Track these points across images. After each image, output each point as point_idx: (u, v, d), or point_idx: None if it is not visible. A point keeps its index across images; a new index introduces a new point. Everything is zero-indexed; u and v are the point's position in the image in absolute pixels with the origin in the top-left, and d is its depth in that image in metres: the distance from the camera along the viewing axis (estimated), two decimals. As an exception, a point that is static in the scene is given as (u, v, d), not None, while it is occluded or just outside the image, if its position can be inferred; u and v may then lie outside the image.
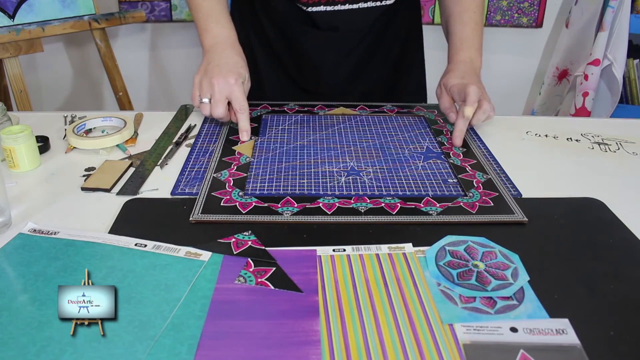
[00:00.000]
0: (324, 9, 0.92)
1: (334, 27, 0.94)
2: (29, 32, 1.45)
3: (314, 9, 0.91)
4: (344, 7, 0.92)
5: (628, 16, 1.69)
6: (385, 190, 0.67)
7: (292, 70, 1.01)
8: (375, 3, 0.93)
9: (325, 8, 0.91)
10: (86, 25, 1.56)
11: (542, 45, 1.96)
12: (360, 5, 0.92)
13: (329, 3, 0.91)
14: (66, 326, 0.45)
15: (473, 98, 0.80)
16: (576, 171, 0.74)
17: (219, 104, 0.80)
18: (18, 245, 0.55)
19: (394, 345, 0.43)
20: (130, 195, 0.66)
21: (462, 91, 0.82)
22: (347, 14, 0.93)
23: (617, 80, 1.73)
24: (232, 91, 0.80)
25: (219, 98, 0.80)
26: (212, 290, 0.49)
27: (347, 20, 0.93)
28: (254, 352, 0.43)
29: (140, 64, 2.00)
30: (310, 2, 0.91)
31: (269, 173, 0.71)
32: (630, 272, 0.53)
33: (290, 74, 1.02)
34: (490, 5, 1.87)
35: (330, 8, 0.92)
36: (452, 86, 0.85)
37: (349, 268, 0.52)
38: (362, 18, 0.94)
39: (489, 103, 0.82)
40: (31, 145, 0.72)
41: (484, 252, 0.55)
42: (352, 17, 0.93)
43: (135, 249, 0.55)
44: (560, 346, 0.44)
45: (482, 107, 0.80)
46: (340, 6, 0.92)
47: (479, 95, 0.80)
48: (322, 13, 0.92)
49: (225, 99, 0.80)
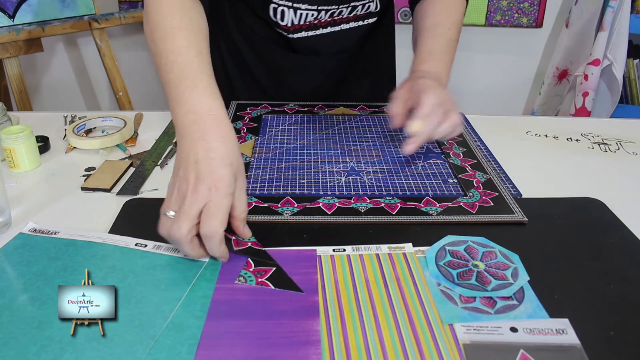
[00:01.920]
0: (306, 34, 0.87)
1: (315, 51, 0.90)
2: (29, 32, 1.45)
3: (296, 36, 0.87)
4: (325, 30, 0.88)
5: (628, 16, 1.69)
6: (385, 190, 0.67)
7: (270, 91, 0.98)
8: (357, 23, 0.89)
9: (307, 33, 0.87)
10: (86, 25, 1.56)
11: (542, 45, 1.96)
12: (343, 27, 0.89)
13: (310, 28, 0.86)
14: (66, 326, 0.45)
15: (426, 110, 0.65)
16: (576, 171, 0.74)
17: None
18: (18, 245, 0.55)
19: (394, 345, 0.43)
20: (130, 195, 0.66)
21: (418, 96, 0.67)
22: (329, 37, 0.89)
23: (617, 80, 1.73)
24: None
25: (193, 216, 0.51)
26: (212, 290, 0.49)
27: (329, 43, 0.90)
28: (254, 352, 0.43)
29: (140, 64, 2.00)
30: (291, 29, 0.86)
31: (269, 173, 0.71)
32: (630, 272, 0.53)
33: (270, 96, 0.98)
34: (490, 5, 1.87)
35: (312, 33, 0.87)
36: (411, 84, 0.71)
37: (349, 268, 0.53)
38: (344, 40, 0.91)
39: (457, 114, 0.67)
40: (31, 145, 0.72)
41: (484, 252, 0.55)
42: (334, 39, 0.90)
43: (136, 249, 0.55)
44: (560, 346, 0.44)
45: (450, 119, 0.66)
46: (322, 29, 0.87)
47: (433, 105, 0.65)
48: (303, 39, 0.88)
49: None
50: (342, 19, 0.88)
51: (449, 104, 0.67)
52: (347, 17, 0.87)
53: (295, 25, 0.85)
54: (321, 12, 0.84)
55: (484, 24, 1.90)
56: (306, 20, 0.85)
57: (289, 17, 0.84)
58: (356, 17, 0.89)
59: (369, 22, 0.91)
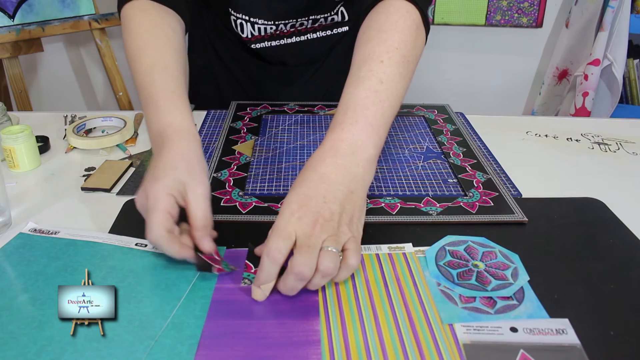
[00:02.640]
0: (269, 44, 0.85)
1: (282, 62, 0.88)
2: (29, 32, 1.45)
3: (258, 46, 0.86)
4: (290, 40, 0.84)
5: (628, 16, 1.69)
6: (385, 190, 0.67)
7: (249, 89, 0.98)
8: (326, 32, 0.84)
9: (270, 43, 0.85)
10: (86, 25, 1.56)
11: (542, 45, 1.96)
12: (309, 37, 0.84)
13: (273, 38, 0.84)
14: (66, 326, 0.45)
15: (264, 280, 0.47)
16: (576, 171, 0.74)
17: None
18: (18, 244, 0.55)
19: (394, 345, 0.43)
20: (130, 195, 0.66)
21: None
22: (295, 47, 0.85)
23: (617, 80, 1.73)
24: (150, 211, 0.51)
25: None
26: (212, 290, 0.49)
27: (296, 53, 0.86)
28: (254, 352, 0.43)
29: (140, 64, 2.00)
30: (252, 39, 0.85)
31: (269, 173, 0.71)
32: (630, 272, 0.53)
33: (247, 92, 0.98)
34: (490, 5, 1.87)
35: (276, 43, 0.85)
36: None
37: (349, 268, 0.52)
38: (312, 50, 0.87)
39: (355, 255, 0.47)
40: (31, 145, 0.72)
41: (484, 252, 0.55)
42: (301, 50, 0.85)
43: (136, 249, 0.55)
44: (560, 346, 0.44)
45: (345, 262, 0.47)
46: (286, 39, 0.84)
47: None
48: (267, 49, 0.86)
49: None
50: (307, 29, 0.83)
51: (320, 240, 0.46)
52: (312, 27, 0.83)
53: (255, 36, 0.82)
54: (279, 25, 0.82)
55: (484, 24, 1.90)
56: (266, 32, 0.82)
57: (248, 30, 0.82)
58: (322, 26, 0.84)
59: (339, 31, 0.86)
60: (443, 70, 1.99)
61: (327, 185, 0.48)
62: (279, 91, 0.92)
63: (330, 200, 0.47)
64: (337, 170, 0.50)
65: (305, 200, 0.47)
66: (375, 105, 0.53)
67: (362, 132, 0.52)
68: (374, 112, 0.53)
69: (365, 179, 0.51)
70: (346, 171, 0.50)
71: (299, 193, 0.48)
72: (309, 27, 0.83)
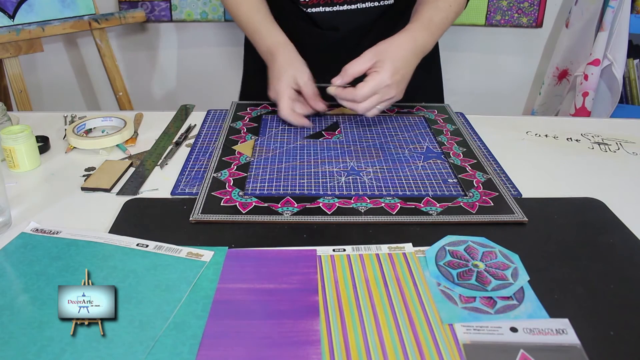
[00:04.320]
0: (323, 10, 0.93)
1: (334, 27, 0.95)
2: (29, 32, 1.45)
3: (313, 10, 0.93)
4: (342, 7, 0.92)
5: (628, 16, 1.69)
6: (385, 190, 0.67)
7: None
8: (374, 3, 0.94)
9: (324, 9, 0.92)
10: (86, 25, 1.56)
11: (542, 45, 1.96)
12: (359, 6, 0.93)
13: (327, 4, 0.92)
14: (66, 326, 0.45)
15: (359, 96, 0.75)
16: (576, 171, 0.74)
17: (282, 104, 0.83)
18: (20, 244, 0.55)
19: (394, 345, 0.43)
20: (130, 195, 0.66)
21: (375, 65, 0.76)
22: (346, 14, 0.93)
23: (617, 80, 1.73)
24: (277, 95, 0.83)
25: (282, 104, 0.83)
26: (214, 290, 0.49)
27: (347, 20, 0.94)
28: (255, 352, 0.43)
29: (140, 64, 2.00)
30: (309, 2, 0.92)
31: (269, 173, 0.71)
32: (630, 272, 0.53)
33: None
34: (490, 5, 1.87)
35: (329, 9, 0.92)
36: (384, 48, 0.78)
37: (349, 268, 0.53)
38: (361, 18, 0.95)
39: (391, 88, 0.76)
40: (31, 145, 0.72)
41: (484, 252, 0.55)
42: (352, 17, 0.94)
43: (137, 249, 0.55)
44: (560, 346, 0.44)
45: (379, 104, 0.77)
46: (339, 7, 0.92)
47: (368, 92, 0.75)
48: (321, 14, 0.93)
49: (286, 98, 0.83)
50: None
51: (388, 93, 0.77)
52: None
53: (312, 0, 0.92)
54: None
55: (484, 24, 1.89)
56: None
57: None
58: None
59: (386, 3, 0.94)
60: (443, 70, 1.99)
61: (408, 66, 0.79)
62: (326, 55, 0.97)
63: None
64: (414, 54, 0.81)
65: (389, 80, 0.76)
66: (441, 30, 0.86)
67: (433, 41, 0.85)
68: (440, 33, 0.86)
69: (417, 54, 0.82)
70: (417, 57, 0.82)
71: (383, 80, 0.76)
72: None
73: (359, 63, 0.77)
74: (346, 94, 0.77)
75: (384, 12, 0.96)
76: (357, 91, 0.75)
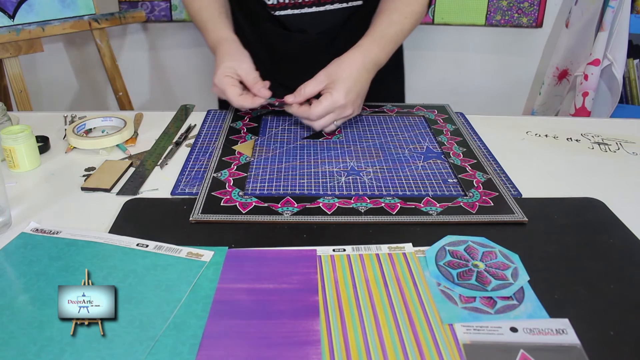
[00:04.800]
0: (291, 12, 0.92)
1: (302, 30, 0.94)
2: (29, 32, 1.45)
3: (281, 13, 0.92)
4: (310, 9, 0.92)
5: (628, 16, 1.69)
6: (385, 190, 0.67)
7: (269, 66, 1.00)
8: (342, 4, 0.93)
9: (292, 11, 0.92)
10: (86, 25, 1.56)
11: (542, 45, 1.96)
12: (328, 7, 0.92)
13: (295, 6, 0.91)
14: (66, 326, 0.45)
15: (313, 115, 0.76)
16: (576, 171, 0.74)
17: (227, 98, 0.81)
18: (20, 244, 0.55)
19: (394, 345, 0.43)
20: (130, 195, 0.66)
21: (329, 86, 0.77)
22: (315, 16, 0.93)
23: (617, 80, 1.73)
24: (218, 84, 0.81)
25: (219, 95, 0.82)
26: (214, 290, 0.49)
27: (315, 22, 0.93)
28: (255, 352, 0.43)
29: (140, 64, 2.00)
30: (277, 6, 0.91)
31: (269, 173, 0.71)
32: (630, 272, 0.53)
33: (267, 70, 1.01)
34: (490, 5, 1.87)
35: (297, 11, 0.92)
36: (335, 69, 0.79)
37: (349, 268, 0.53)
38: (331, 20, 0.94)
39: (346, 107, 0.77)
40: (31, 145, 0.72)
41: (484, 252, 0.55)
42: (320, 19, 0.93)
43: (137, 249, 0.55)
44: (560, 346, 0.44)
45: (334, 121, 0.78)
46: (307, 9, 0.92)
47: (322, 112, 0.75)
48: (289, 16, 0.93)
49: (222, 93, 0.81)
50: (326, 0, 0.91)
51: (344, 112, 0.78)
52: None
53: (280, 3, 0.91)
54: None
55: (484, 24, 1.89)
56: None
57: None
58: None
59: (354, 4, 0.93)
60: (443, 70, 1.99)
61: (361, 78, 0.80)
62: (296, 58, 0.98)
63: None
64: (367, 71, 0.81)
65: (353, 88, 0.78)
66: (394, 44, 0.85)
67: (386, 56, 0.84)
68: (392, 47, 0.85)
69: (369, 70, 0.81)
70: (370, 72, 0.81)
71: (339, 99, 0.76)
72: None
73: (312, 85, 0.77)
74: (302, 112, 0.77)
75: (353, 13, 0.95)
76: (311, 110, 0.76)
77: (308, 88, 0.77)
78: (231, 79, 0.80)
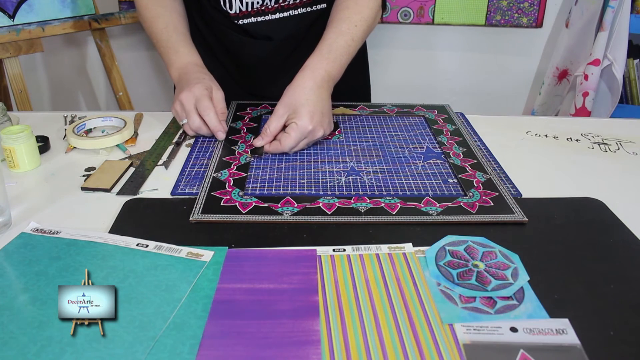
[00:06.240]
0: (255, 20, 0.91)
1: (267, 37, 0.93)
2: (29, 32, 1.45)
3: (245, 21, 0.91)
4: (274, 16, 0.91)
5: (628, 16, 1.69)
6: (385, 190, 0.67)
7: (235, 75, 1.01)
8: (306, 9, 0.92)
9: (256, 19, 0.91)
10: (86, 25, 1.56)
11: (542, 45, 1.96)
12: (292, 13, 0.91)
13: (259, 14, 0.90)
14: (66, 326, 0.45)
15: (284, 147, 0.74)
16: (576, 171, 0.74)
17: (190, 115, 0.79)
18: (20, 244, 0.55)
19: (394, 345, 0.43)
20: (130, 195, 0.66)
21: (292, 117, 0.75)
22: (279, 22, 0.91)
23: (617, 80, 1.73)
24: (196, 98, 0.78)
25: (188, 109, 0.79)
26: (214, 290, 0.49)
27: (280, 29, 0.92)
28: (255, 352, 0.43)
29: (140, 64, 2.00)
30: (240, 14, 0.90)
31: (269, 173, 0.71)
32: (630, 272, 0.53)
33: (233, 77, 1.01)
34: (490, 5, 1.87)
35: (261, 18, 0.91)
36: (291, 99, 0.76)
37: (349, 268, 0.53)
38: (295, 25, 0.93)
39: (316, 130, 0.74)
40: (31, 145, 0.72)
41: (484, 252, 0.55)
42: (285, 25, 0.92)
43: (137, 249, 0.55)
44: (560, 346, 0.44)
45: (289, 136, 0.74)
46: (271, 15, 0.91)
47: (292, 144, 0.74)
48: (253, 24, 0.91)
49: (194, 108, 0.79)
50: (290, 5, 0.90)
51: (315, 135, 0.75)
52: (294, 3, 0.90)
53: (243, 11, 0.90)
54: (265, 0, 0.88)
55: (484, 24, 1.89)
56: (253, 7, 0.89)
57: (236, 5, 0.89)
58: (303, 3, 0.91)
59: (318, 8, 0.93)
60: (443, 70, 1.99)
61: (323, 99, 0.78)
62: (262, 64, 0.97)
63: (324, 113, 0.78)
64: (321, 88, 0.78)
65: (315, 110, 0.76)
66: (347, 55, 0.82)
67: (339, 68, 0.82)
68: (346, 59, 0.83)
69: (326, 87, 0.79)
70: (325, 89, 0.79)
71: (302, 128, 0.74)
72: (292, 4, 0.90)
73: (274, 121, 0.75)
74: (274, 149, 0.75)
75: (318, 17, 0.93)
76: (283, 145, 0.74)
77: (272, 126, 0.75)
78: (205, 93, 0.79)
